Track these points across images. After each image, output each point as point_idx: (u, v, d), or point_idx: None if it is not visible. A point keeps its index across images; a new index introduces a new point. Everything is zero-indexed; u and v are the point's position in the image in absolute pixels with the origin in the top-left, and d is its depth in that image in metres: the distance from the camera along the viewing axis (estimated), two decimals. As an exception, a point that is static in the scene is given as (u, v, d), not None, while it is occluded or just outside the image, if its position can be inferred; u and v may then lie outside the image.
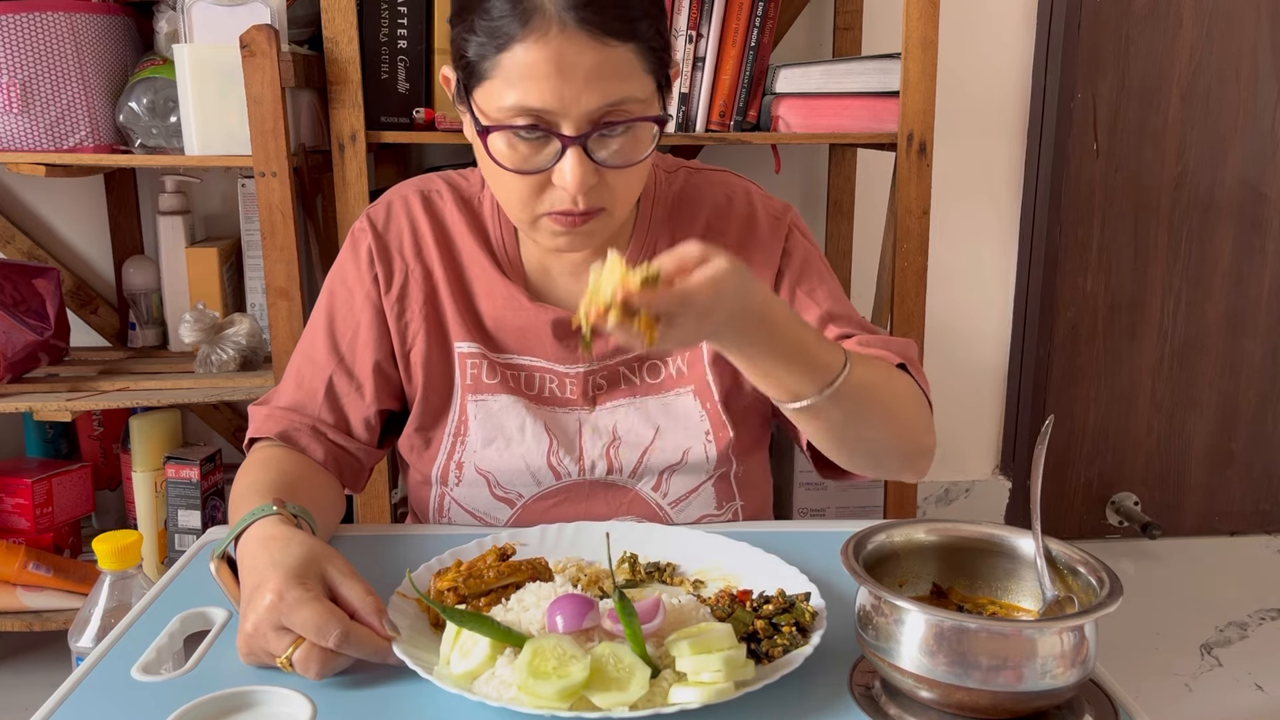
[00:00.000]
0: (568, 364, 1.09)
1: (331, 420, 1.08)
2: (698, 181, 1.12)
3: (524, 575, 0.87)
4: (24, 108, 1.72)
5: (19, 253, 2.10)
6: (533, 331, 1.08)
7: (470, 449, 1.09)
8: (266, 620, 0.78)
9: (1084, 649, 0.70)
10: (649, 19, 0.92)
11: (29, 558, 1.82)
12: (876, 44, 2.16)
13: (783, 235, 1.10)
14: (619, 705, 0.70)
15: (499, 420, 1.08)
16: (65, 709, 0.76)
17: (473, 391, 1.09)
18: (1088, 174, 2.39)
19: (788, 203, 1.14)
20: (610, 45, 0.88)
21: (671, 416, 1.09)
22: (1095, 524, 2.59)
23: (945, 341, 2.41)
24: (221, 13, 1.70)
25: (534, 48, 0.88)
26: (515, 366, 1.09)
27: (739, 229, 1.09)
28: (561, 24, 0.87)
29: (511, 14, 0.88)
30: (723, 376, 1.09)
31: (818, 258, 1.12)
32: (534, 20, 0.88)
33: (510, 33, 0.88)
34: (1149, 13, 2.32)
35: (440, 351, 1.09)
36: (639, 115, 0.92)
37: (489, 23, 0.90)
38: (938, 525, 0.84)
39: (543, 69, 0.88)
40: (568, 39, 0.87)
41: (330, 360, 1.08)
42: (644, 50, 0.91)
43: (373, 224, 1.10)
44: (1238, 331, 2.51)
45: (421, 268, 1.09)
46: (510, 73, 0.89)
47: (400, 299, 1.08)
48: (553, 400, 1.09)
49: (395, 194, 1.12)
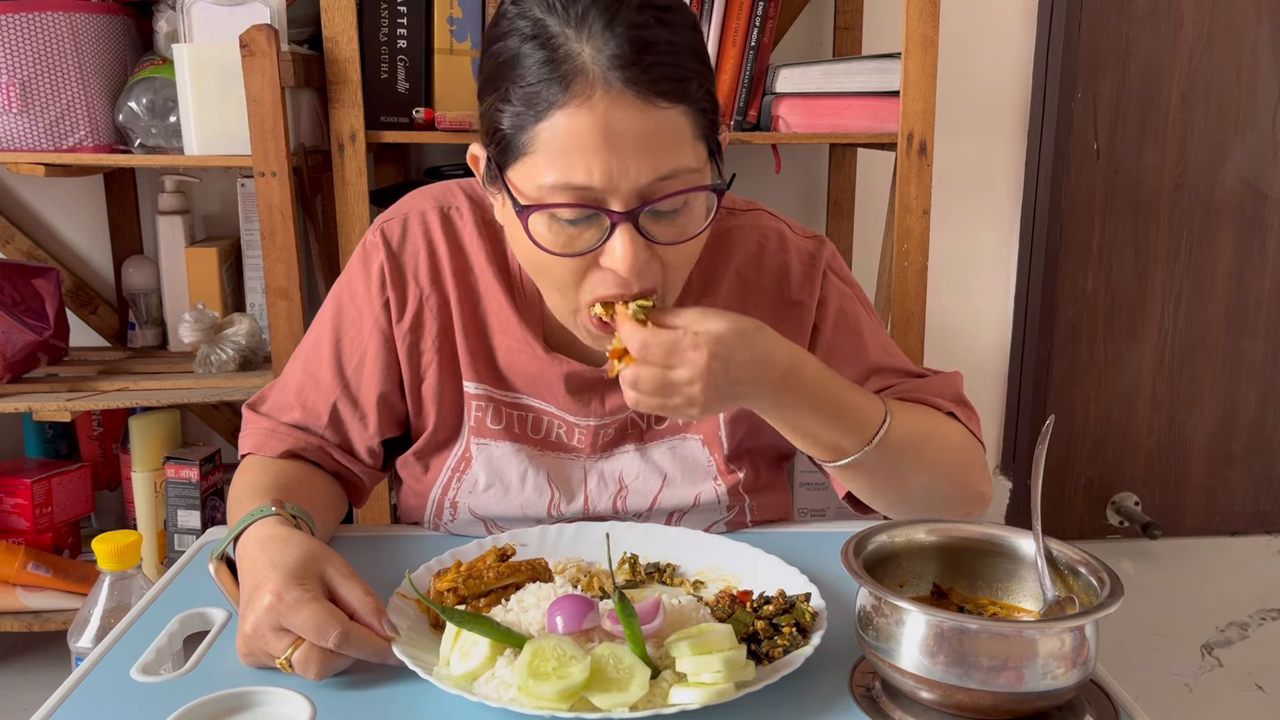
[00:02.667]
0: (579, 416, 1.04)
1: (336, 441, 1.06)
2: (729, 225, 1.05)
3: (524, 576, 0.87)
4: (23, 107, 1.72)
5: (19, 253, 2.10)
6: (545, 381, 1.03)
7: (468, 488, 1.05)
8: (266, 621, 0.77)
9: (1085, 649, 0.70)
10: (699, 79, 0.83)
11: (28, 558, 1.82)
12: (876, 44, 2.16)
13: (817, 285, 1.04)
14: (619, 706, 0.70)
15: (499, 467, 1.05)
16: (65, 709, 0.76)
17: (476, 434, 1.05)
18: (1088, 174, 2.39)
19: (821, 236, 1.07)
20: (660, 108, 0.80)
21: (679, 463, 1.05)
22: (1095, 524, 2.59)
23: (945, 341, 2.41)
24: (221, 12, 1.70)
25: (577, 114, 0.79)
26: (523, 408, 1.05)
27: (771, 281, 1.04)
28: (606, 85, 0.79)
29: (551, 77, 0.80)
30: (736, 433, 1.05)
31: (855, 300, 1.07)
32: (576, 84, 0.79)
33: (550, 99, 0.80)
34: (1149, 13, 2.32)
35: (451, 386, 1.05)
36: (694, 185, 0.84)
37: (525, 89, 0.81)
38: (938, 525, 0.84)
39: (587, 140, 0.79)
40: (613, 102, 0.79)
41: (335, 385, 1.04)
42: (695, 113, 0.83)
43: (387, 241, 1.03)
44: (1238, 331, 2.51)
45: (438, 296, 1.02)
46: (551, 145, 0.81)
47: (414, 329, 1.03)
48: (558, 446, 1.06)
49: (412, 208, 1.04)
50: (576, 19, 0.81)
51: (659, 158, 0.81)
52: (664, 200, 0.82)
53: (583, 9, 0.81)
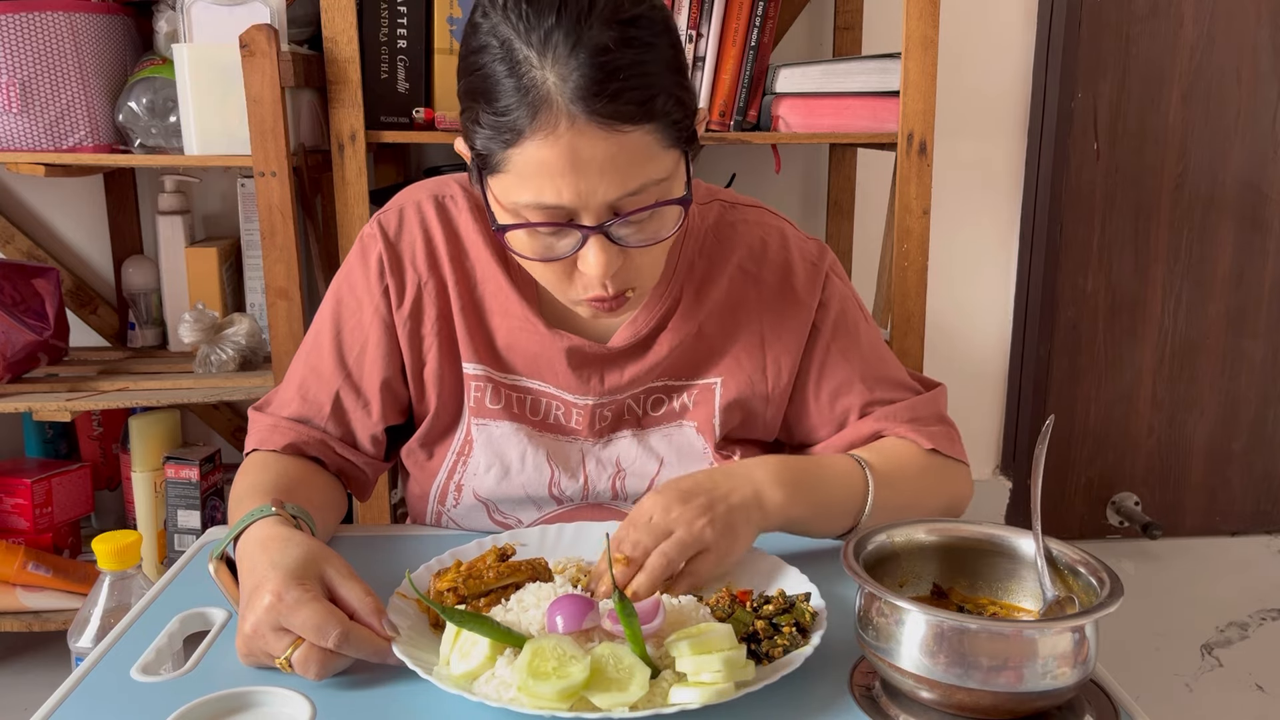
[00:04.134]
0: (578, 394, 1.05)
1: (338, 434, 1.06)
2: (732, 219, 1.07)
3: (524, 575, 0.87)
4: (23, 107, 1.72)
5: (19, 253, 2.10)
6: (545, 358, 1.04)
7: (471, 471, 1.06)
8: (265, 621, 0.77)
9: (1084, 649, 0.70)
10: (666, 93, 0.84)
11: (28, 558, 1.82)
12: (876, 44, 2.16)
13: (819, 286, 1.06)
14: (619, 706, 0.70)
15: (500, 448, 1.05)
16: (65, 709, 0.76)
17: (476, 415, 1.06)
18: (1088, 174, 2.39)
19: (822, 243, 1.10)
20: (625, 132, 0.82)
21: (675, 450, 1.07)
22: (1096, 524, 2.59)
23: (945, 341, 2.41)
24: (221, 12, 1.70)
25: (544, 145, 0.82)
26: (522, 390, 1.06)
27: (774, 276, 1.06)
28: (571, 118, 0.81)
29: (518, 106, 0.82)
30: (729, 421, 1.07)
31: (854, 306, 1.09)
32: (541, 115, 0.81)
33: (518, 128, 0.82)
34: (1149, 13, 2.32)
35: (451, 370, 1.06)
36: (660, 199, 0.86)
37: (495, 117, 0.83)
38: (938, 525, 0.84)
39: (554, 167, 0.82)
40: (579, 133, 0.81)
41: (337, 374, 1.05)
42: (664, 126, 0.84)
43: (384, 231, 1.04)
44: (1238, 331, 2.51)
45: (435, 281, 1.04)
46: (522, 170, 0.84)
47: (413, 315, 1.04)
48: (557, 428, 1.07)
49: (408, 199, 1.06)
50: (540, 42, 0.81)
51: (626, 175, 0.84)
52: (633, 214, 0.86)
53: (546, 31, 0.81)
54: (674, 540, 0.85)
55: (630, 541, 0.86)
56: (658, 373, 1.05)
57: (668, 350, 1.04)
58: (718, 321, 1.05)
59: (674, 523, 0.86)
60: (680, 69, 0.88)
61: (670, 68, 0.86)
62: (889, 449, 1.05)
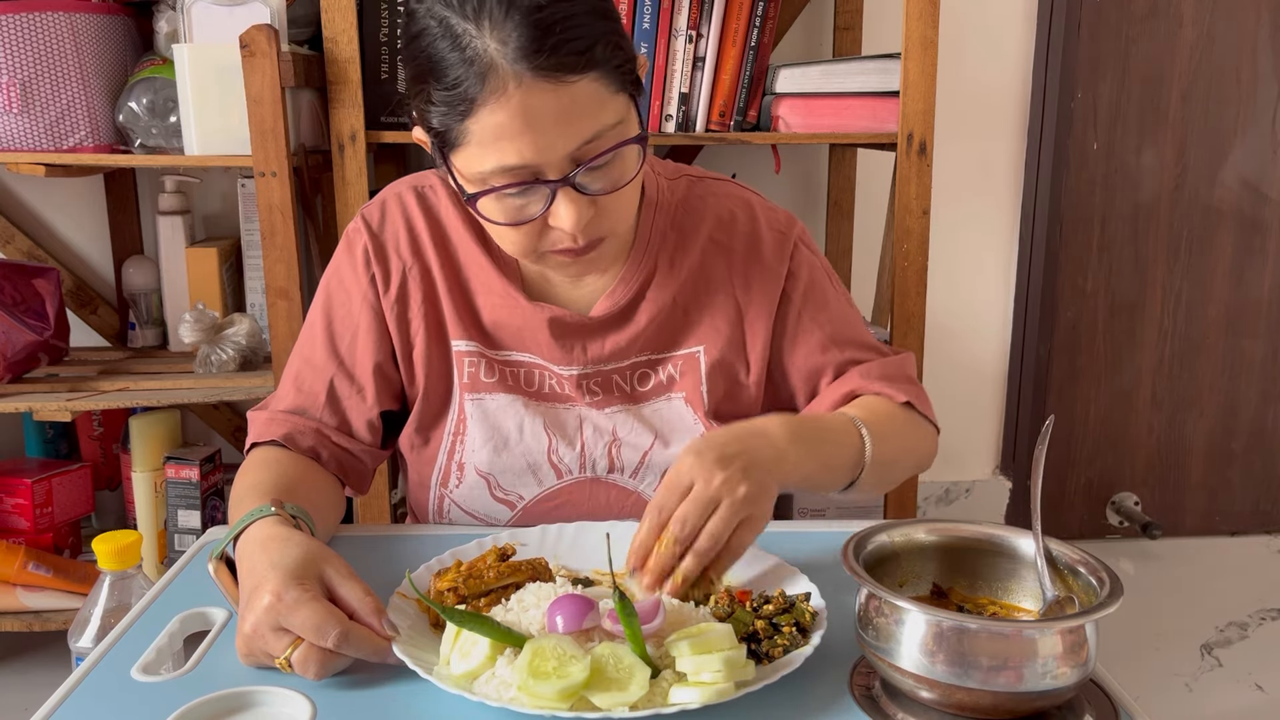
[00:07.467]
0: (563, 364, 1.08)
1: (334, 423, 1.08)
2: (700, 191, 1.11)
3: (524, 575, 0.87)
4: (24, 108, 1.72)
5: (19, 253, 2.10)
6: (529, 330, 1.08)
7: (470, 449, 1.08)
8: (265, 621, 0.77)
9: (1084, 649, 0.70)
10: (604, 40, 0.88)
11: (29, 558, 1.82)
12: (876, 44, 2.16)
13: (788, 254, 1.10)
14: (619, 705, 0.70)
15: (496, 420, 1.08)
16: (65, 709, 0.76)
17: (470, 390, 1.08)
18: (1088, 174, 2.39)
19: (791, 214, 1.13)
20: (571, 82, 0.86)
21: (666, 423, 1.09)
22: (1095, 524, 2.59)
23: (945, 341, 2.41)
24: (221, 13, 1.70)
25: (497, 110, 0.85)
26: (513, 364, 1.09)
27: (743, 245, 1.09)
28: (518, 79, 0.85)
29: (466, 76, 0.85)
30: (716, 389, 1.09)
31: (824, 273, 1.12)
32: (490, 80, 0.85)
33: (470, 97, 0.86)
34: (1149, 13, 2.32)
35: (439, 350, 1.09)
36: (617, 142, 0.90)
37: (446, 92, 0.87)
38: (938, 525, 0.84)
39: (510, 129, 0.86)
40: (527, 92, 0.85)
41: (330, 363, 1.08)
42: (607, 72, 0.88)
43: (368, 223, 1.09)
44: (1238, 331, 2.50)
45: (419, 265, 1.08)
46: (481, 138, 0.87)
47: (400, 299, 1.08)
48: (552, 396, 1.09)
49: (389, 192, 1.11)
50: (475, 13, 0.85)
51: (581, 125, 0.87)
52: (594, 160, 0.89)
53: (479, 1, 0.85)
54: (720, 517, 0.83)
55: (679, 518, 0.83)
56: (639, 345, 1.08)
57: (646, 321, 1.07)
58: (692, 291, 1.09)
59: (719, 491, 0.83)
60: (611, 16, 0.91)
61: (601, 15, 0.90)
62: (872, 405, 1.06)
